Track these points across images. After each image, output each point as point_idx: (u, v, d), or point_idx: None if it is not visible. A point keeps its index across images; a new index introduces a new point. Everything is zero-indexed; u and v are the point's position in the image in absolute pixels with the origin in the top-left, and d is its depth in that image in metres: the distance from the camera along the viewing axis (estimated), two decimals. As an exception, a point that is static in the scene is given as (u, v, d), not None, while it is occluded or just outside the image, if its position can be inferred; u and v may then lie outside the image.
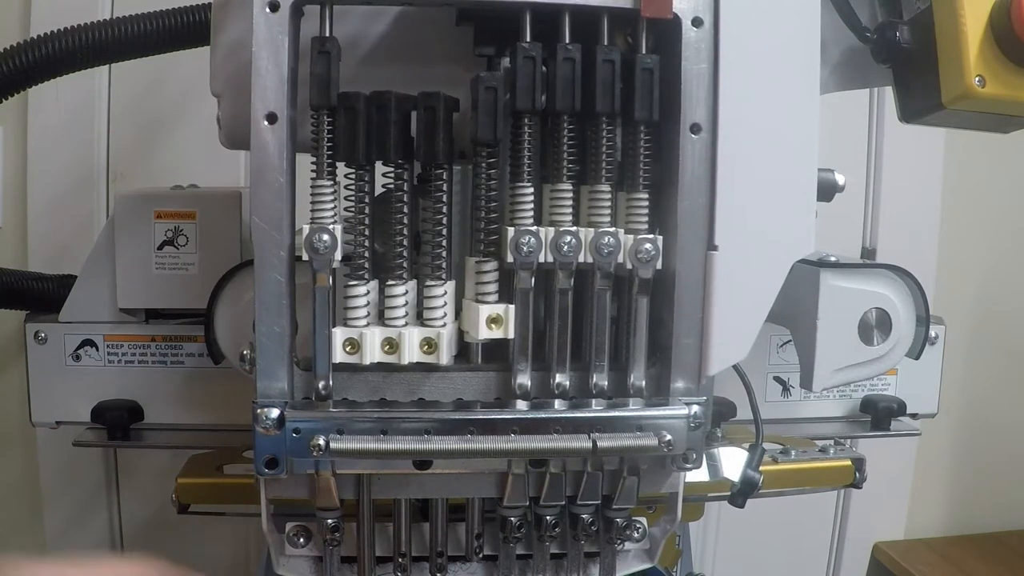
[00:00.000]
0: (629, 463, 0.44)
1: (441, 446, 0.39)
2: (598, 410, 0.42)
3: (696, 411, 0.42)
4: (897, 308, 0.53)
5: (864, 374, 0.54)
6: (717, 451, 0.58)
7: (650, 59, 0.41)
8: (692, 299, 0.42)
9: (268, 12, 0.39)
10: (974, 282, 1.30)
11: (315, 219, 0.41)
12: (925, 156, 1.21)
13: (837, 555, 1.30)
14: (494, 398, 0.43)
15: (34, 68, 0.63)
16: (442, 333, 0.42)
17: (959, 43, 0.44)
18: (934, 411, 0.72)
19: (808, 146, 0.42)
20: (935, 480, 1.34)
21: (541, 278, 0.43)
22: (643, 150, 0.42)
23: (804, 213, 0.43)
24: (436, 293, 0.42)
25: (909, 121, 0.49)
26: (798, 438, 0.65)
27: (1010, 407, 1.34)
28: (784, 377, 0.70)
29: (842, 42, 0.50)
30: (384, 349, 0.41)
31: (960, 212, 1.25)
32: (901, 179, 1.21)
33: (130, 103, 1.03)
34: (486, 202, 0.42)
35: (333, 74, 0.40)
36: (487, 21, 0.44)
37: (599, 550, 0.48)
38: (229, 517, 0.61)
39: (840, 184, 0.58)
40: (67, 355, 0.63)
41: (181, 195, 0.64)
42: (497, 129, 0.40)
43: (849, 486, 0.61)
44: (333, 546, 0.45)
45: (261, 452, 0.40)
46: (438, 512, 0.47)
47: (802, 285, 0.52)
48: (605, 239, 0.41)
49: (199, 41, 0.64)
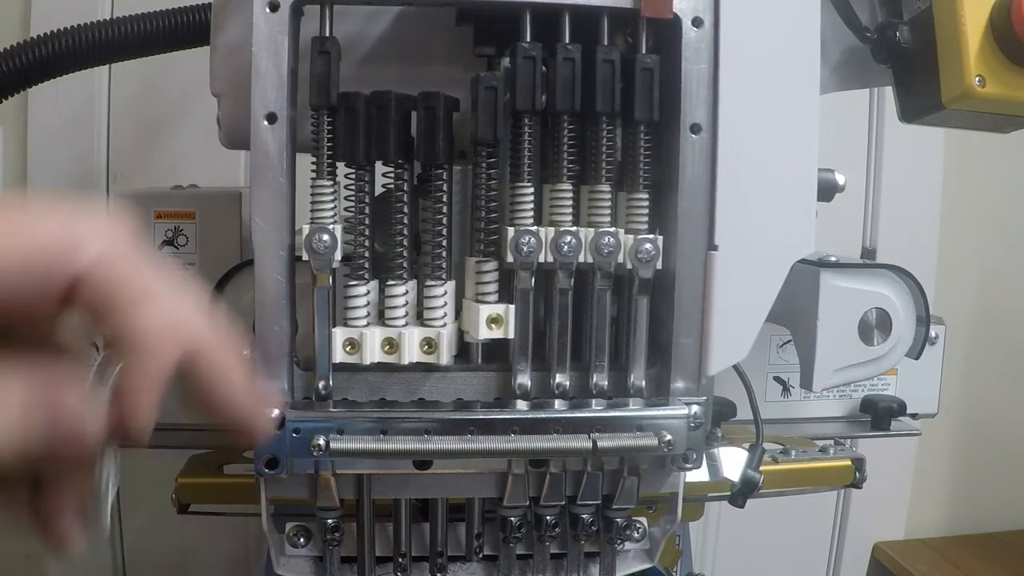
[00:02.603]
0: (629, 463, 0.44)
1: (441, 446, 0.39)
2: (598, 410, 0.42)
3: (696, 411, 0.42)
4: (897, 308, 0.53)
5: (864, 374, 0.54)
6: (717, 451, 0.58)
7: (650, 59, 0.41)
8: (692, 299, 0.42)
9: (268, 12, 0.39)
10: (974, 282, 1.30)
11: (315, 219, 0.41)
12: (925, 156, 1.21)
13: (837, 555, 1.31)
14: (494, 398, 0.43)
15: (34, 68, 0.63)
16: (442, 333, 0.42)
17: (959, 43, 0.44)
18: (934, 411, 0.72)
19: (808, 146, 0.42)
20: (935, 480, 1.34)
21: (541, 278, 0.43)
22: (643, 150, 0.42)
23: (804, 213, 0.43)
24: (436, 293, 0.42)
25: (909, 121, 0.49)
26: (798, 438, 0.65)
27: (1010, 407, 1.34)
28: (784, 377, 0.70)
29: (842, 42, 0.50)
30: (384, 349, 0.41)
31: (960, 212, 1.25)
32: (901, 179, 1.21)
33: (130, 103, 1.03)
34: (486, 202, 0.42)
35: (333, 74, 0.40)
36: (487, 21, 0.44)
37: (599, 550, 0.48)
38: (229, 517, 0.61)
39: (840, 184, 0.58)
40: (67, 355, 0.63)
41: (181, 195, 0.64)
42: (497, 129, 0.40)
43: (849, 486, 0.61)
44: (333, 546, 0.45)
45: (261, 452, 0.40)
46: (438, 512, 0.47)
47: (802, 285, 0.52)
48: (605, 239, 0.41)
49: (199, 41, 0.64)
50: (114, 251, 0.25)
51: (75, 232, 0.24)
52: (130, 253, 0.26)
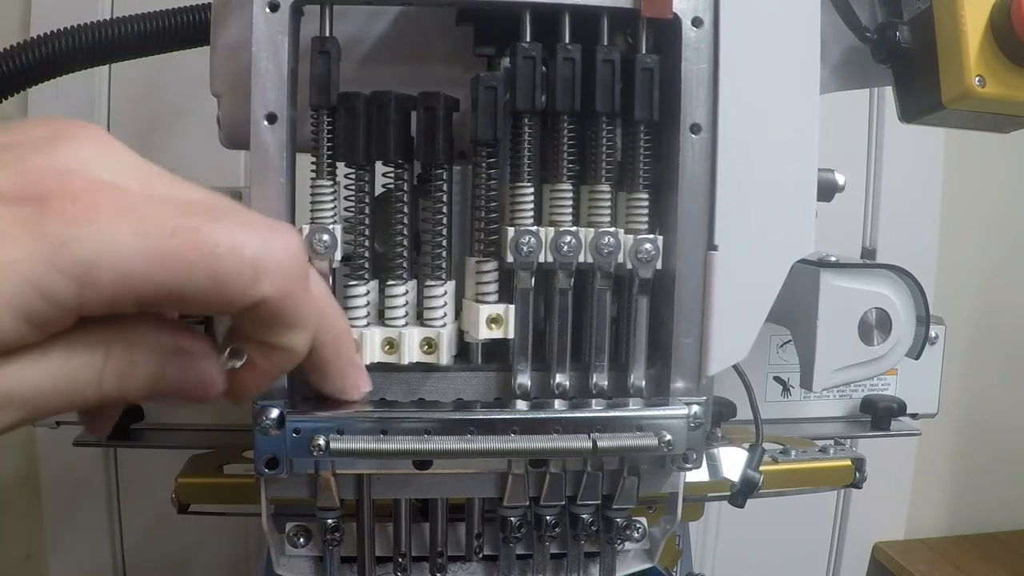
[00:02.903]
0: (629, 463, 0.44)
1: (441, 446, 0.39)
2: (598, 410, 0.42)
3: (696, 411, 0.42)
4: (897, 308, 0.53)
5: (864, 374, 0.54)
6: (717, 451, 0.58)
7: (650, 59, 0.41)
8: (692, 299, 0.42)
9: (268, 12, 0.39)
10: (974, 282, 1.30)
11: (315, 219, 0.41)
12: (925, 156, 1.21)
13: (837, 555, 1.31)
14: (494, 398, 0.43)
15: (34, 68, 0.63)
16: (442, 333, 0.42)
17: (959, 43, 0.44)
18: (934, 411, 0.72)
19: (808, 146, 0.42)
20: (935, 480, 1.34)
21: (541, 278, 0.43)
22: (643, 150, 0.42)
23: (804, 213, 0.43)
24: (436, 293, 0.42)
25: (909, 121, 0.49)
26: (798, 438, 0.65)
27: (1010, 407, 1.34)
28: (784, 377, 0.70)
29: (842, 42, 0.50)
30: (384, 349, 0.41)
31: (960, 212, 1.25)
32: (901, 179, 1.21)
33: (130, 103, 1.03)
34: (486, 202, 0.42)
35: (333, 74, 0.40)
36: (487, 21, 0.44)
37: (599, 550, 0.48)
38: (229, 517, 0.61)
39: (840, 184, 0.58)
40: (67, 355, 0.63)
41: (181, 195, 0.63)
42: (497, 129, 0.40)
43: (849, 486, 0.61)
44: (333, 546, 0.45)
45: (261, 452, 0.40)
46: (438, 512, 0.47)
47: (802, 285, 0.52)
48: (605, 239, 0.41)
49: (199, 41, 0.64)
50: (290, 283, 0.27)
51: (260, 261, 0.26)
52: (303, 280, 0.28)
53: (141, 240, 0.24)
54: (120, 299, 0.25)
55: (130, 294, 0.25)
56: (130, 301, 0.25)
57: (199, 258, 0.25)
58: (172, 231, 0.25)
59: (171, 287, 0.25)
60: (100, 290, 0.24)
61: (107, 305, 0.25)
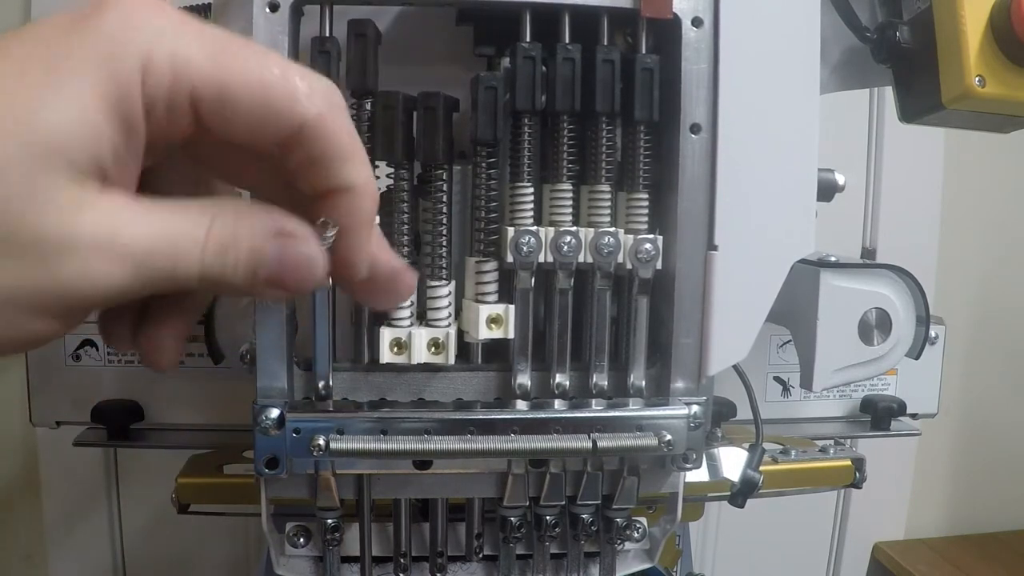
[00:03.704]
0: (629, 463, 0.44)
1: (441, 446, 0.39)
2: (598, 410, 0.42)
3: (696, 411, 0.42)
4: (897, 308, 0.53)
5: (864, 374, 0.54)
6: (717, 451, 0.58)
7: (650, 59, 0.41)
8: (692, 299, 0.42)
9: (268, 12, 0.39)
10: (974, 282, 1.30)
11: (315, 219, 0.40)
12: (925, 156, 1.21)
13: (837, 555, 1.30)
14: (494, 398, 0.43)
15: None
16: (449, 333, 0.42)
17: (959, 43, 0.44)
18: (934, 411, 0.72)
19: (808, 146, 0.42)
20: (935, 480, 1.34)
21: (541, 278, 0.43)
22: (643, 150, 0.42)
23: (804, 213, 0.43)
24: (440, 293, 0.42)
25: (909, 121, 0.49)
26: (798, 438, 0.65)
27: (1010, 407, 1.34)
28: (784, 377, 0.70)
29: (842, 42, 0.50)
30: (393, 350, 0.42)
31: (960, 212, 1.25)
32: (901, 179, 1.21)
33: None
34: (486, 202, 0.42)
35: (333, 74, 0.40)
36: (487, 21, 0.44)
37: (599, 550, 0.48)
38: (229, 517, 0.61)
39: (840, 184, 0.58)
40: (67, 355, 0.63)
41: (181, 195, 0.63)
42: (497, 129, 0.40)
43: (849, 486, 0.61)
44: (333, 546, 0.45)
45: (261, 452, 0.40)
46: (438, 512, 0.47)
47: (802, 285, 0.52)
48: (605, 239, 0.41)
49: (199, 41, 0.64)
50: (333, 108, 0.27)
51: (304, 84, 0.27)
52: (344, 111, 0.28)
53: (195, 38, 0.26)
54: (178, 92, 0.25)
55: (186, 86, 0.25)
56: (185, 98, 0.25)
57: (248, 65, 0.26)
58: (226, 39, 0.26)
59: (221, 84, 0.25)
60: (160, 79, 0.25)
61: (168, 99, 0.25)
